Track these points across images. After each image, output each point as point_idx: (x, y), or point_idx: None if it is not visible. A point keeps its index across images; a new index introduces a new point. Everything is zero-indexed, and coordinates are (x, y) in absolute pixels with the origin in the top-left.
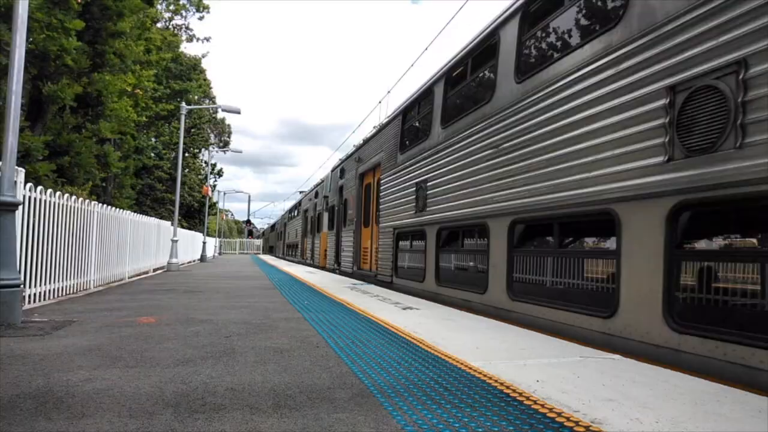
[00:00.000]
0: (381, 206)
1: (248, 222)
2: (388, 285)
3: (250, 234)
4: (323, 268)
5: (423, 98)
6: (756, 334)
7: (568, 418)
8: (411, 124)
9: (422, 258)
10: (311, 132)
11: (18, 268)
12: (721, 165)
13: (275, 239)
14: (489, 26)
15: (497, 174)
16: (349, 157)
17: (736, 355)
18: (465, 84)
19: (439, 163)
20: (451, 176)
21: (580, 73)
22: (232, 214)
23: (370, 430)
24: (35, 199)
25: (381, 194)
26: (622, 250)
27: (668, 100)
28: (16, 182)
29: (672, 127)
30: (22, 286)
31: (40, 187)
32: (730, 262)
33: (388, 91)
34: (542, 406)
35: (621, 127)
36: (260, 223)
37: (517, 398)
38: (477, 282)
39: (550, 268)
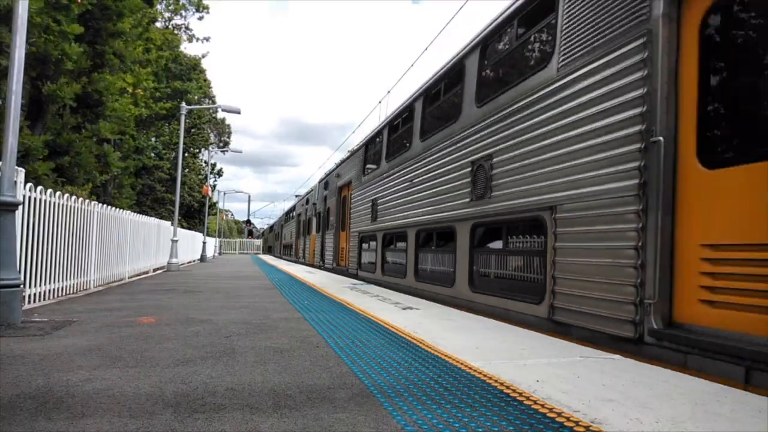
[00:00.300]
0: (351, 215)
1: (248, 222)
2: (355, 276)
3: (250, 234)
4: (312, 265)
5: (377, 136)
6: (496, 290)
7: (568, 418)
8: (370, 154)
9: (374, 255)
10: (312, 131)
11: (18, 268)
12: (486, 205)
13: (273, 240)
14: (410, 98)
15: (411, 199)
16: (331, 172)
17: (490, 302)
18: (399, 132)
19: (384, 186)
20: (390, 197)
21: (440, 145)
22: (232, 214)
23: (370, 430)
24: (35, 199)
25: (351, 206)
26: (456, 249)
27: (471, 169)
28: (16, 182)
29: (471, 184)
30: (22, 286)
31: (40, 187)
32: (490, 255)
33: (388, 91)
34: (542, 406)
35: (453, 180)
36: (260, 223)
37: (517, 398)
38: (401, 272)
39: (433, 260)
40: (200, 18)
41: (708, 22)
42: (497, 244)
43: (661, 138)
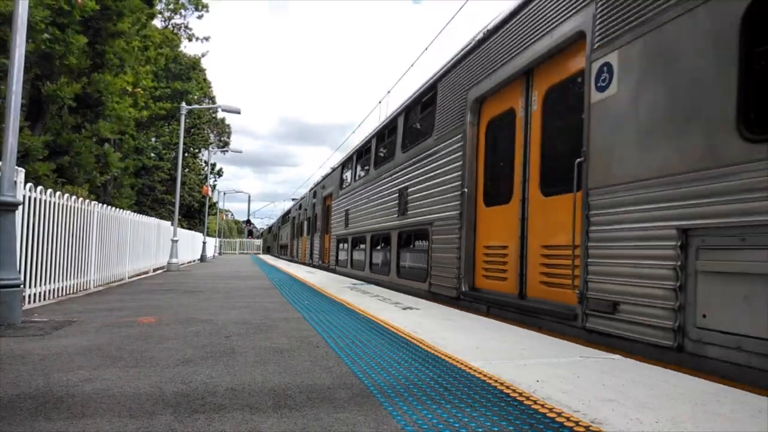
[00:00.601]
0: (331, 221)
1: (248, 222)
2: (333, 270)
3: (250, 234)
4: (303, 263)
5: (350, 160)
6: (407, 275)
7: (568, 418)
8: (345, 172)
9: (346, 254)
10: (312, 131)
11: (18, 268)
12: (404, 219)
13: (272, 240)
14: (369, 135)
15: (368, 211)
16: (318, 184)
17: (405, 283)
18: (364, 158)
19: (354, 199)
20: (357, 208)
21: (385, 174)
22: (232, 214)
23: (370, 430)
24: (35, 199)
25: (332, 213)
26: (391, 248)
27: (399, 194)
28: (16, 182)
29: (399, 206)
30: (22, 286)
31: (40, 187)
32: (406, 253)
33: (388, 91)
34: (542, 406)
35: (388, 202)
36: (260, 223)
37: (517, 398)
38: (362, 266)
39: (380, 257)
40: (200, 17)
41: (488, 128)
42: (409, 246)
43: (465, 189)
